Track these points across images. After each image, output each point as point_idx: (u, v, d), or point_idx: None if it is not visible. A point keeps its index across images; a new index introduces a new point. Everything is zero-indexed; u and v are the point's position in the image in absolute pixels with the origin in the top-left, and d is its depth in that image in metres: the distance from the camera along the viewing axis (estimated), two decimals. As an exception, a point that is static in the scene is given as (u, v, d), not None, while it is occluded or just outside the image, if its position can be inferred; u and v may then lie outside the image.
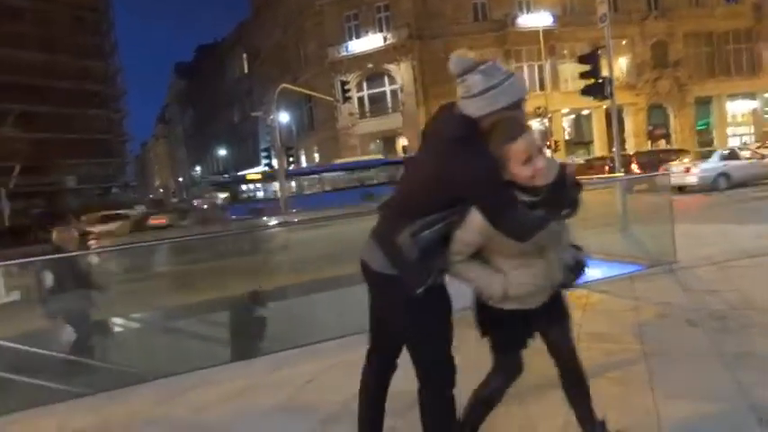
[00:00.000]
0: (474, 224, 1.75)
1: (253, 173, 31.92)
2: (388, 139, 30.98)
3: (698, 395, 2.50)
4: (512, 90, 1.80)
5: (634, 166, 17.29)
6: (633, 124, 29.58)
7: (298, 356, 3.71)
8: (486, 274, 1.84)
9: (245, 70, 46.20)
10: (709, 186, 14.06)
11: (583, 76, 8.99)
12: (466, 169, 1.71)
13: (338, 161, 28.09)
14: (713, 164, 14.59)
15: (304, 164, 34.48)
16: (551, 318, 1.97)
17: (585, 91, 9.00)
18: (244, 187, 28.61)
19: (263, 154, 27.69)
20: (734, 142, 30.54)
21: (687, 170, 14.54)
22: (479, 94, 1.79)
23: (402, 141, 30.19)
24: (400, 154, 30.63)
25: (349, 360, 3.44)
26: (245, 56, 45.74)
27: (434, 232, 1.78)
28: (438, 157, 1.79)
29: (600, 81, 8.74)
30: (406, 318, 1.90)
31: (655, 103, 30.07)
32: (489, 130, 1.77)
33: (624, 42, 29.06)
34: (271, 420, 2.74)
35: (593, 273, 4.59)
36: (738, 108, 31.62)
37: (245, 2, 58.17)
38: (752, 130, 31.47)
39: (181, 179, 76.67)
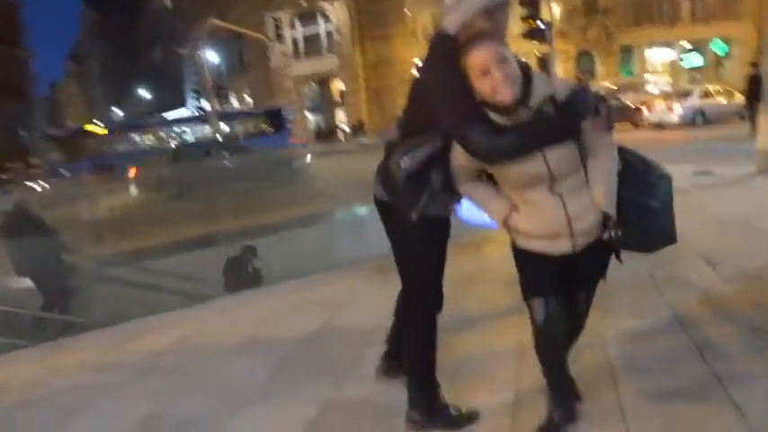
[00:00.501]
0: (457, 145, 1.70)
1: (175, 115, 30.00)
2: (323, 81, 30.18)
3: (633, 313, 2.73)
4: None
5: None
6: (563, 71, 30.44)
7: (249, 298, 3.76)
8: (489, 198, 1.76)
9: (168, 5, 42.67)
10: (687, 123, 15.51)
11: (524, 19, 9.14)
12: (429, 80, 1.76)
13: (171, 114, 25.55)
14: (692, 102, 16.05)
15: (236, 106, 33.02)
16: (581, 278, 1.78)
17: (528, 34, 9.20)
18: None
19: (192, 95, 26.28)
20: (653, 91, 32.32)
21: (670, 108, 16.07)
22: (453, 6, 1.81)
23: (337, 84, 29.51)
24: (336, 98, 30.03)
25: (303, 300, 3.56)
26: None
27: (419, 155, 1.80)
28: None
29: (541, 26, 8.95)
30: (400, 238, 2.00)
31: (583, 50, 30.99)
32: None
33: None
34: (228, 360, 2.79)
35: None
36: (658, 57, 33.20)
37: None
38: (669, 81, 33.36)
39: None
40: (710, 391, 1.96)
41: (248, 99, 32.67)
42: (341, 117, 29.26)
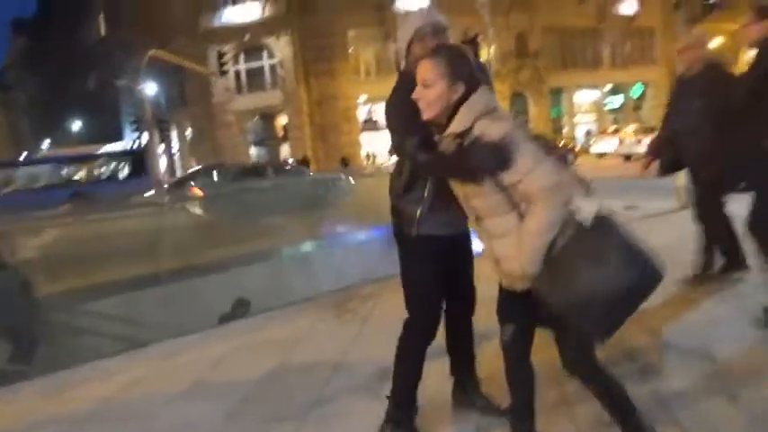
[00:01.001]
0: None
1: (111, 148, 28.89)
2: (268, 117, 30.12)
3: None
4: (410, 23, 1.96)
5: None
6: (499, 110, 32.04)
7: (199, 340, 3.66)
8: None
9: (103, 32, 41.55)
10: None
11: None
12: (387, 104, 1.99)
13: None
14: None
15: (175, 140, 32.20)
16: (538, 314, 1.76)
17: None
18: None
19: (132, 127, 25.45)
20: (581, 130, 34.55)
21: (639, 141, 18.04)
22: (399, 37, 2.03)
23: (282, 119, 29.54)
24: (280, 133, 29.98)
25: (257, 340, 3.51)
26: (102, 16, 41.06)
27: (406, 174, 1.94)
28: None
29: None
30: (401, 257, 2.09)
31: (516, 92, 32.78)
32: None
33: (491, 31, 31.15)
34: (179, 405, 2.70)
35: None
36: (584, 98, 35.66)
37: (100, -45, 51.89)
38: (595, 118, 35.78)
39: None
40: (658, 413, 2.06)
41: (189, 132, 32.00)
42: (285, 152, 29.19)
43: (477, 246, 2.03)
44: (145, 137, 21.99)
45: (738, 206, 3.19)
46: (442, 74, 1.69)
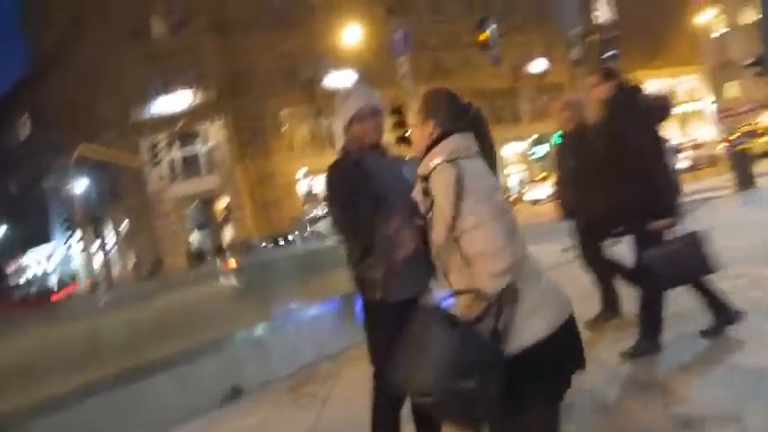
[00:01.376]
0: None
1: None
2: (206, 201, 29.82)
3: None
4: (350, 104, 2.08)
5: None
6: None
7: None
8: None
9: (27, 132, 40.46)
10: None
11: (394, 126, 10.34)
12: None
13: None
14: None
15: (111, 235, 31.06)
16: None
17: (400, 140, 10.36)
18: None
19: (64, 226, 24.42)
20: (513, 180, 36.37)
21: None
22: (337, 115, 2.15)
23: (221, 202, 29.33)
24: (220, 216, 29.66)
25: None
26: (26, 116, 40.13)
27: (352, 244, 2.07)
28: None
29: (403, 134, 10.13)
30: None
31: (449, 150, 34.39)
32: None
33: (415, 98, 32.93)
34: None
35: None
36: (511, 151, 37.84)
37: (21, 58, 51.46)
38: (524, 168, 37.88)
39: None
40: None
41: (124, 225, 31.01)
42: (228, 235, 28.76)
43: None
44: (77, 235, 21.13)
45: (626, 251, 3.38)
46: (420, 114, 1.72)
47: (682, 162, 23.61)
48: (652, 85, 43.70)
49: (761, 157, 21.30)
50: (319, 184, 26.14)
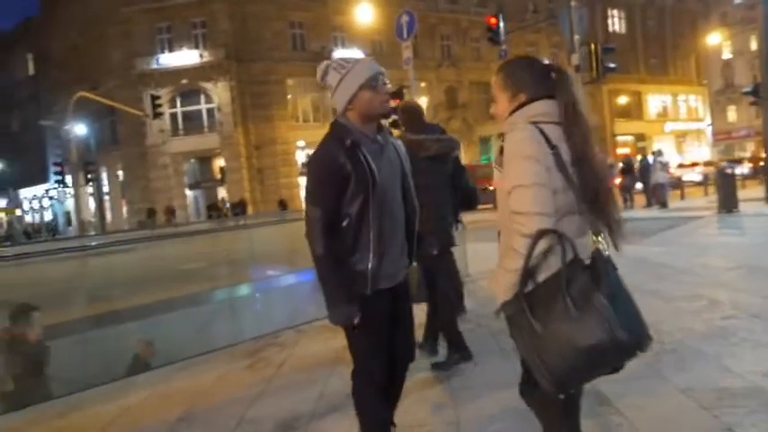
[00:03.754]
0: None
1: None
2: (204, 160, 29.96)
3: (487, 386, 3.11)
4: (360, 70, 1.94)
5: None
6: (432, 156, 33.57)
7: (104, 393, 3.59)
8: None
9: (30, 72, 40.10)
10: None
11: (392, 110, 10.50)
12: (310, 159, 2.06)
13: None
14: None
15: (105, 182, 31.18)
16: None
17: (395, 124, 10.49)
18: None
19: (54, 169, 24.51)
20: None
21: None
22: (337, 87, 1.96)
23: (219, 162, 29.48)
24: (217, 175, 29.83)
25: (165, 391, 3.50)
26: (30, 56, 39.73)
27: (349, 235, 1.95)
28: None
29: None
30: None
31: (449, 139, 34.55)
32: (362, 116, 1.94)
33: (423, 85, 32.98)
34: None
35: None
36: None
37: (30, -6, 50.42)
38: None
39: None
40: None
41: (120, 174, 31.15)
42: (223, 194, 29.00)
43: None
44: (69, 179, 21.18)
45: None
46: (507, 89, 1.70)
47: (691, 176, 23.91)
48: (654, 100, 43.94)
49: (748, 178, 21.77)
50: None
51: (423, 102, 33.00)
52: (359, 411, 2.07)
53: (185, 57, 28.30)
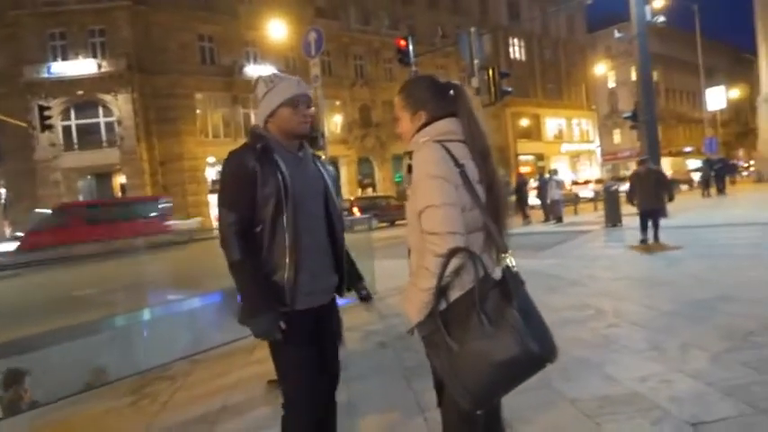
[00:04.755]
0: None
1: None
2: (103, 176, 27.89)
3: (385, 407, 3.10)
4: (284, 88, 1.94)
5: (355, 210, 21.13)
6: (347, 173, 33.71)
7: None
8: None
9: None
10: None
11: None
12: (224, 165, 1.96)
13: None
14: None
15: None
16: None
17: (309, 143, 10.48)
18: None
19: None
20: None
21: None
22: (261, 99, 1.97)
23: (120, 179, 27.59)
24: (117, 192, 27.91)
25: None
26: None
27: (266, 249, 1.89)
28: None
29: (314, 134, 10.26)
30: None
31: (363, 157, 34.97)
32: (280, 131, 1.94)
33: (338, 103, 33.30)
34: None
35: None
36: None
37: None
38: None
39: None
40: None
41: (3, 193, 28.14)
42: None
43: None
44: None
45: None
46: (407, 107, 1.73)
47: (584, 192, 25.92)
48: (551, 122, 47.48)
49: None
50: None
51: (337, 120, 33.34)
52: None
53: (81, 66, 26.37)
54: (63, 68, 26.21)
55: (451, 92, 1.70)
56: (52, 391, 4.00)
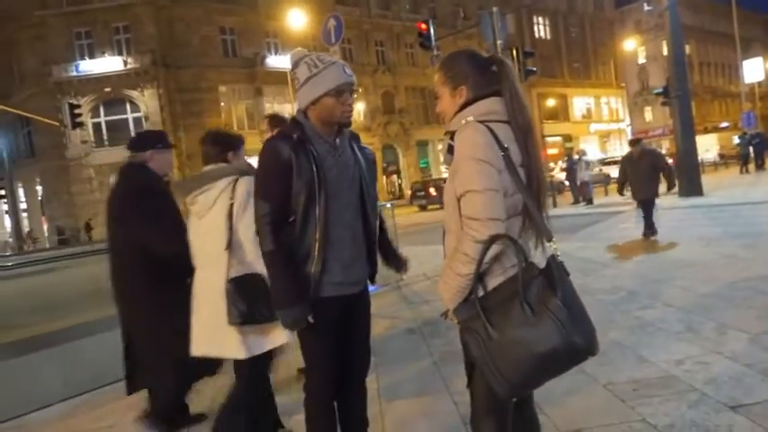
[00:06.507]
0: None
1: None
2: (133, 171, 28.50)
3: (414, 392, 3.10)
4: (330, 76, 1.85)
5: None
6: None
7: None
8: None
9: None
10: None
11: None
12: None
13: None
14: None
15: (22, 197, 29.06)
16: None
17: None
18: None
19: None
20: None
21: None
22: (303, 84, 1.88)
23: (149, 173, 28.16)
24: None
25: None
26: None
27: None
28: None
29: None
30: None
31: (387, 144, 34.86)
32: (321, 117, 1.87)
33: (360, 90, 33.09)
34: None
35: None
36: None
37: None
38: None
39: None
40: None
41: (39, 189, 29.11)
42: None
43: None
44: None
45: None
46: (447, 84, 1.66)
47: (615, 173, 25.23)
48: (578, 102, 46.38)
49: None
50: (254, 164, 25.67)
51: (360, 107, 33.24)
52: (307, 423, 2.00)
53: (108, 63, 26.90)
54: (90, 66, 26.79)
55: (494, 67, 1.63)
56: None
